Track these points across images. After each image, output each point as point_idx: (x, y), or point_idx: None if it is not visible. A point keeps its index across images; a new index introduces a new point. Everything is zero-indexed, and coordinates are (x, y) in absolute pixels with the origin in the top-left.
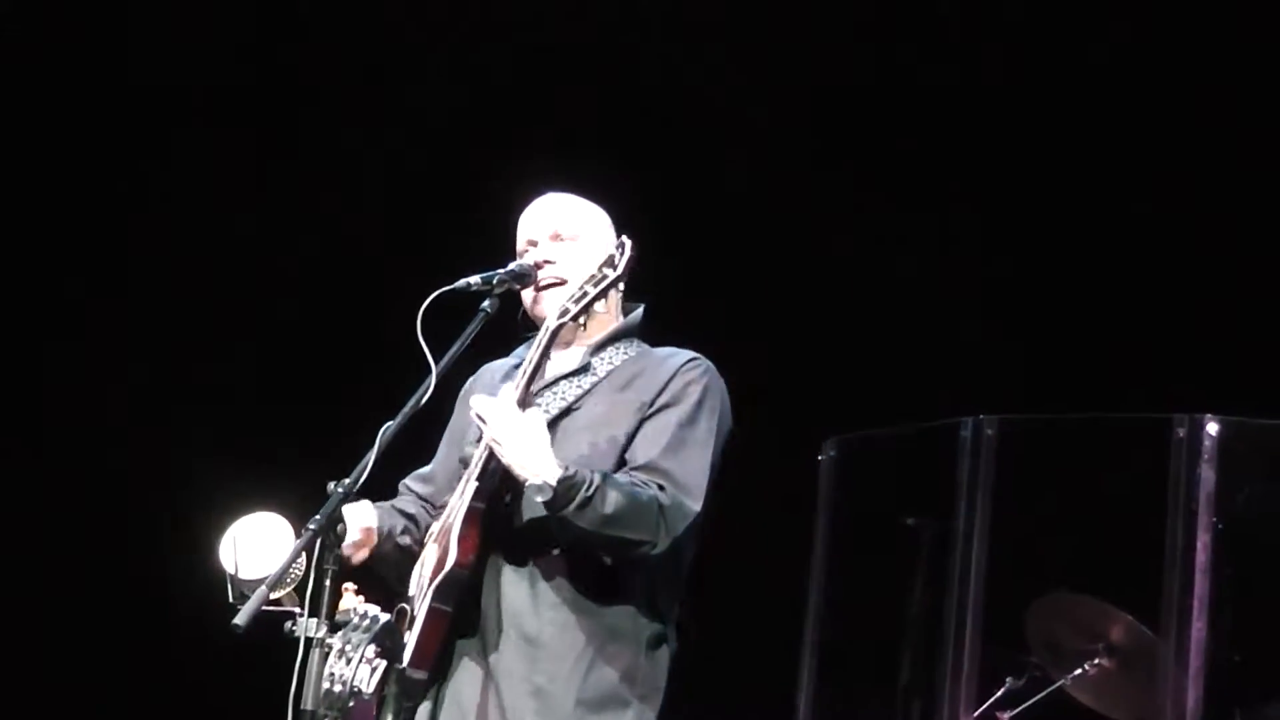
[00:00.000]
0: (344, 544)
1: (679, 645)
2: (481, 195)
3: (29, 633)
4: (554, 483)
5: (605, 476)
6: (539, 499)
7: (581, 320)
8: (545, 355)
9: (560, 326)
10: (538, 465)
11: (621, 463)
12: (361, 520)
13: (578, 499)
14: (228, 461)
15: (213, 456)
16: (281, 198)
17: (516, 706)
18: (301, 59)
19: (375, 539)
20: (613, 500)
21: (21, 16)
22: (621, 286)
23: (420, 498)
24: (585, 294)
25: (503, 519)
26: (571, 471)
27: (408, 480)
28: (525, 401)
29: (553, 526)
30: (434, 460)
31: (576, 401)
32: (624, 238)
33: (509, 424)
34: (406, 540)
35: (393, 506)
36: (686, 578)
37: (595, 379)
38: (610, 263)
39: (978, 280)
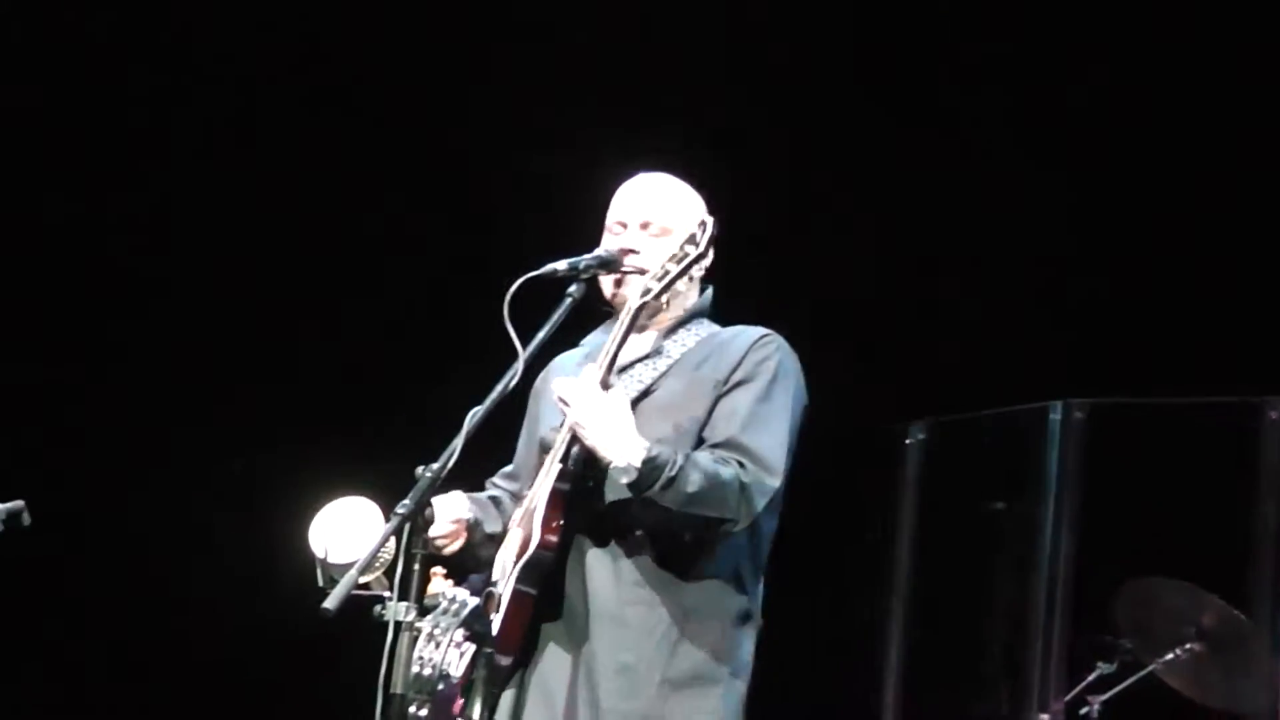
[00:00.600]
0: (436, 536)
1: (765, 622)
2: (569, 177)
3: (124, 617)
4: (638, 464)
5: (688, 456)
6: (624, 480)
7: (664, 300)
8: (627, 336)
9: (642, 307)
10: (622, 446)
11: (700, 441)
12: (453, 512)
13: (661, 479)
14: (317, 446)
15: (302, 442)
16: (367, 177)
17: (603, 686)
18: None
19: (466, 530)
20: (695, 480)
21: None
22: (705, 264)
23: (509, 492)
24: (667, 272)
25: (586, 501)
26: (655, 452)
27: (495, 479)
28: (606, 383)
29: (636, 507)
30: (515, 457)
31: (653, 384)
32: (706, 216)
33: (592, 405)
34: (496, 529)
35: (486, 497)
36: (769, 554)
37: (670, 361)
38: (692, 240)
39: (1068, 262)
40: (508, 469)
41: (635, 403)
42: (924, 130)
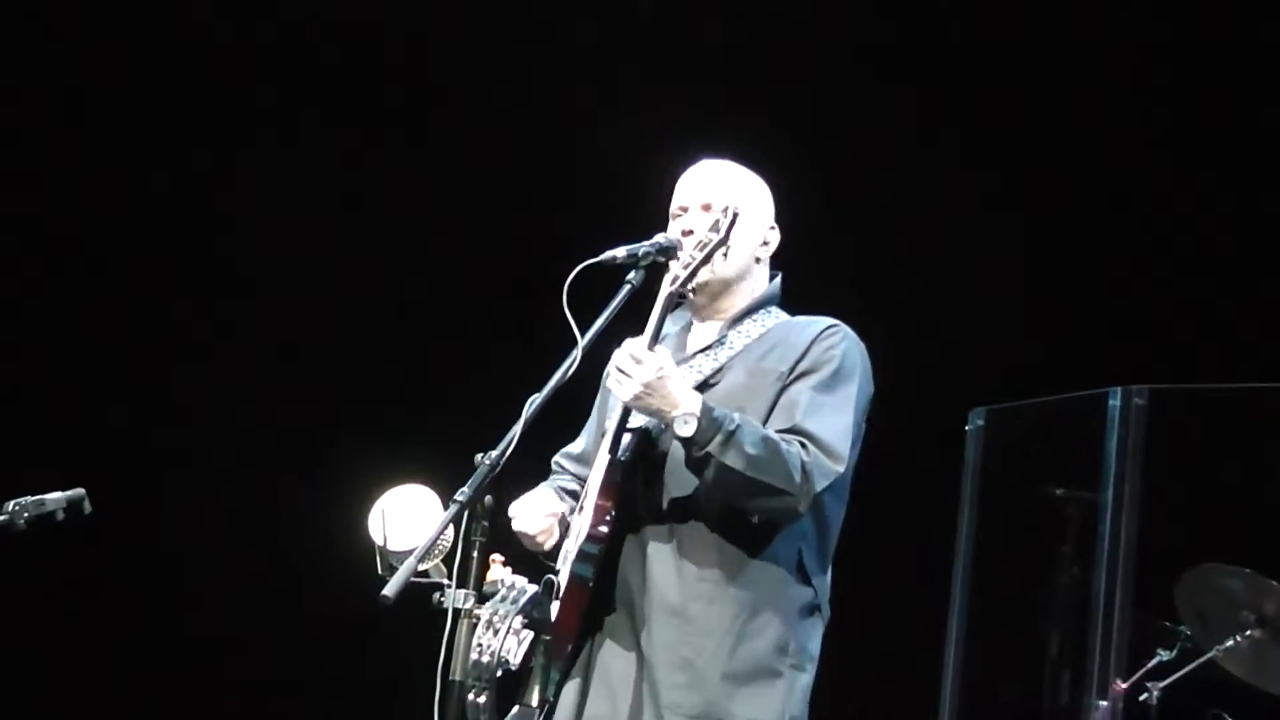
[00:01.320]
0: (536, 533)
1: (832, 613)
2: (633, 164)
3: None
4: (697, 412)
5: (747, 419)
6: (684, 433)
7: (691, 286)
8: (662, 322)
9: (673, 294)
10: (678, 396)
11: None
12: (546, 506)
13: (721, 432)
14: (377, 434)
15: (362, 429)
16: (427, 168)
17: (664, 680)
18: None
19: (560, 525)
20: (756, 440)
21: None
22: (725, 251)
23: (574, 475)
24: (692, 259)
25: (644, 490)
26: (713, 404)
27: (559, 458)
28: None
29: (697, 494)
30: (584, 436)
31: (712, 376)
32: (731, 204)
33: (647, 364)
34: (573, 519)
35: (561, 489)
36: (835, 547)
37: (732, 352)
38: (715, 227)
39: (1127, 247)
40: (572, 449)
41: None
42: (976, 116)
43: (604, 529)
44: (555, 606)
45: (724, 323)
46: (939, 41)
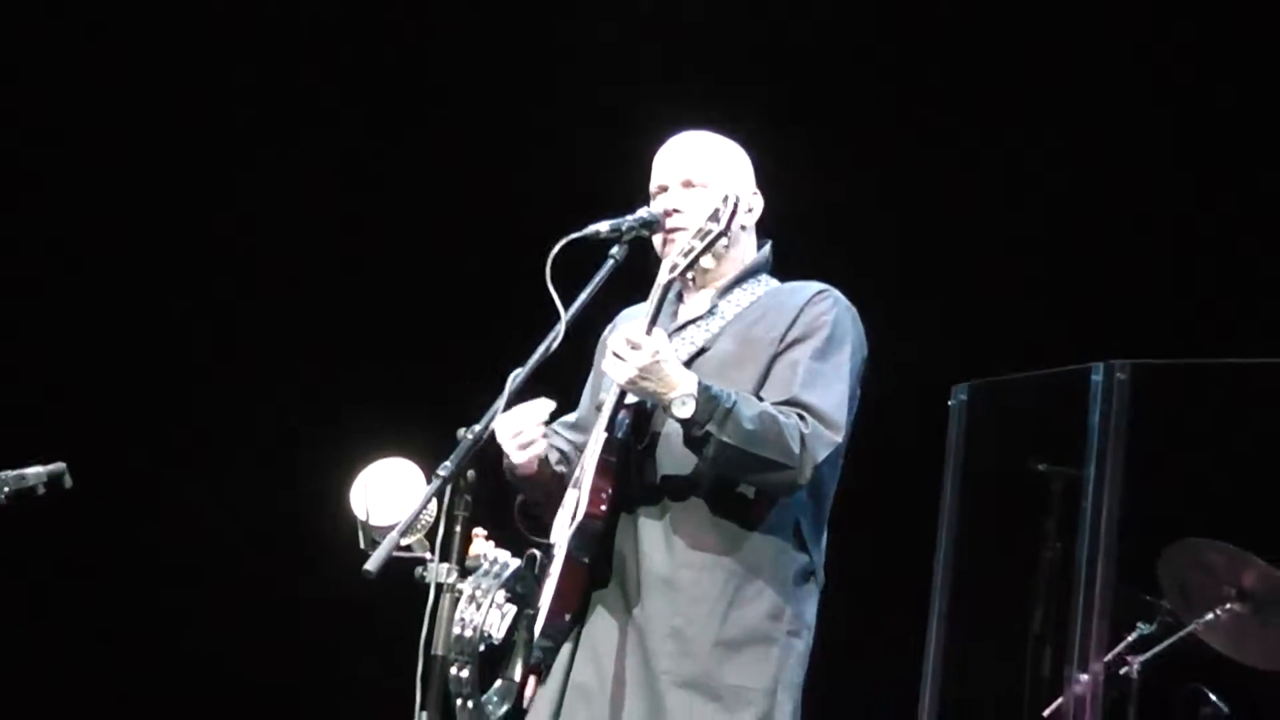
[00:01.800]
0: (525, 441)
1: (826, 580)
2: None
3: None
4: (695, 392)
5: (743, 394)
6: (682, 414)
7: (690, 275)
8: (659, 308)
9: (672, 281)
10: (675, 378)
11: (759, 400)
12: (539, 416)
13: (719, 410)
14: (358, 408)
15: (343, 403)
16: (417, 145)
17: (655, 649)
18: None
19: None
20: (754, 415)
21: None
22: (726, 241)
23: (571, 443)
24: (692, 249)
25: (639, 466)
26: (710, 383)
27: (555, 426)
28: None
29: (691, 468)
30: (580, 406)
31: (705, 345)
32: (730, 192)
33: (644, 346)
34: (562, 470)
35: (551, 444)
36: (828, 513)
37: (723, 321)
38: (715, 217)
39: (1109, 221)
40: (570, 419)
41: (688, 365)
42: (962, 92)
43: (601, 509)
44: (552, 586)
45: (715, 291)
46: (920, 16)
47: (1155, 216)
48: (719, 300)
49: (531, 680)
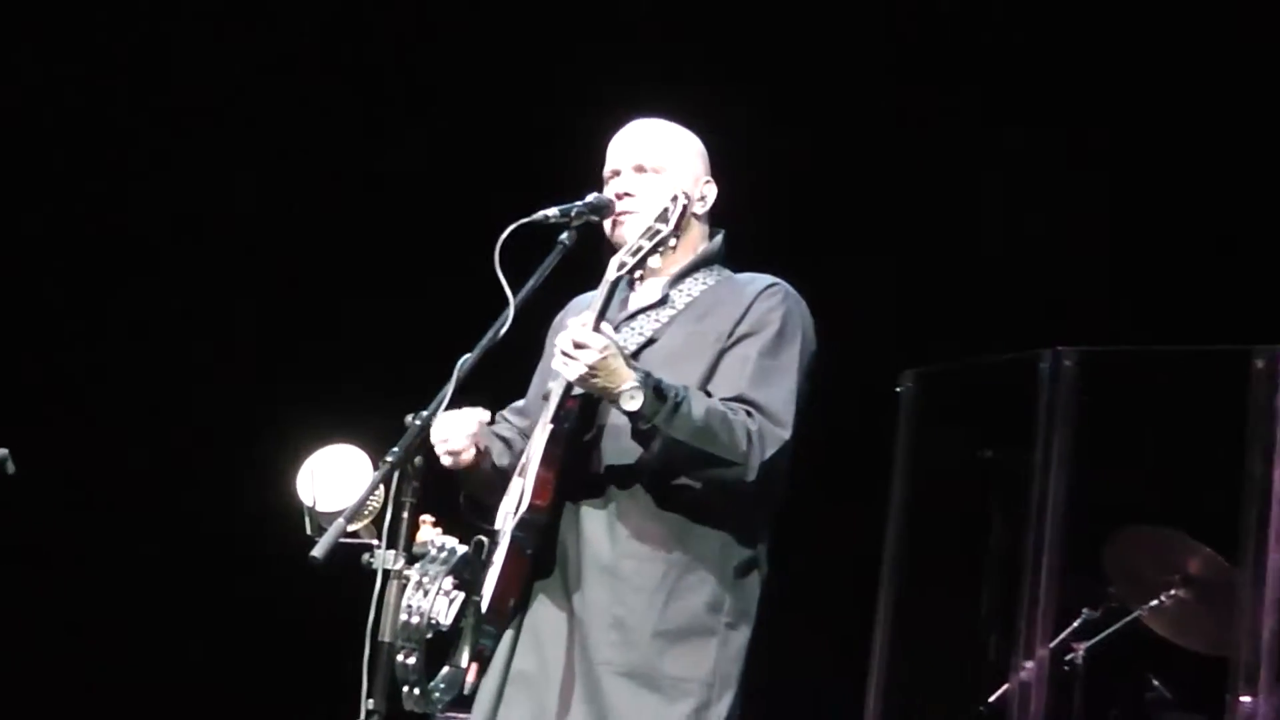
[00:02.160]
0: (457, 450)
1: (770, 570)
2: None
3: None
4: (643, 385)
5: (693, 390)
6: (631, 406)
7: (639, 274)
8: (606, 305)
9: (619, 279)
10: (624, 372)
11: (707, 395)
12: (470, 425)
13: (668, 404)
14: (305, 395)
15: (290, 390)
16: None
17: (596, 639)
18: None
19: (478, 452)
20: (702, 411)
21: None
22: (674, 242)
23: (516, 429)
24: (640, 248)
25: (584, 457)
26: (659, 377)
27: (504, 412)
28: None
29: (636, 460)
30: (529, 392)
31: (655, 335)
32: (679, 191)
33: (590, 343)
34: (505, 462)
35: (492, 431)
36: (776, 505)
37: (674, 311)
38: (663, 217)
39: (1057, 211)
40: (519, 404)
41: (635, 355)
42: (905, 78)
43: (543, 501)
44: (495, 575)
45: (666, 280)
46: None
47: (1102, 205)
48: (670, 289)
49: (474, 668)
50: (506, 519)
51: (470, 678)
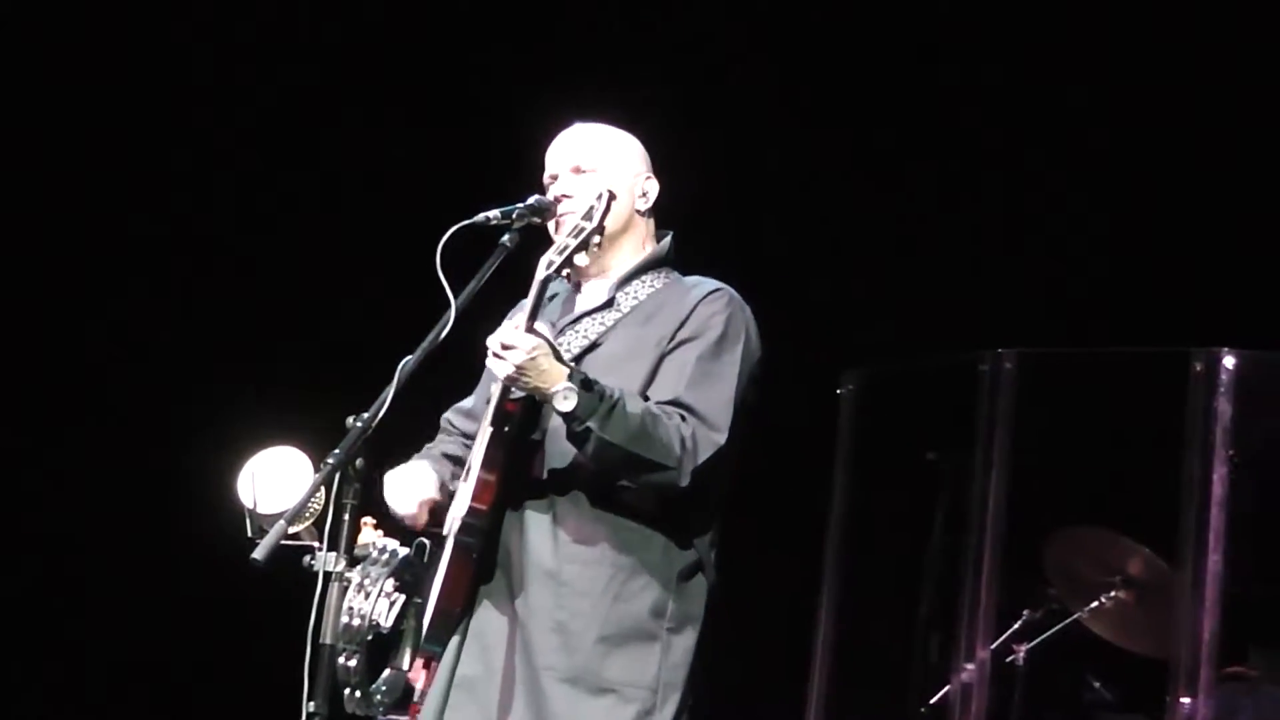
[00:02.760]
0: (405, 517)
1: (718, 574)
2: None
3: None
4: (577, 387)
5: (629, 393)
6: (565, 407)
7: (565, 273)
8: (538, 304)
9: (549, 278)
10: (556, 372)
11: (644, 399)
12: (420, 490)
13: (602, 407)
14: (245, 396)
15: (230, 391)
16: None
17: (539, 643)
18: None
19: (432, 507)
20: (637, 413)
21: None
22: (599, 239)
23: (463, 434)
24: (567, 245)
25: (526, 460)
26: (593, 377)
27: (449, 414)
28: (531, 329)
29: (576, 463)
30: (475, 393)
31: (599, 339)
32: (606, 189)
33: (520, 345)
34: (457, 485)
35: (442, 455)
36: (719, 509)
37: (619, 315)
38: (588, 215)
39: (997, 213)
40: (464, 405)
41: (579, 358)
42: (850, 81)
43: (484, 506)
44: (440, 579)
45: (613, 283)
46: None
47: (1041, 207)
48: (616, 292)
49: (422, 673)
50: (452, 523)
51: (420, 683)
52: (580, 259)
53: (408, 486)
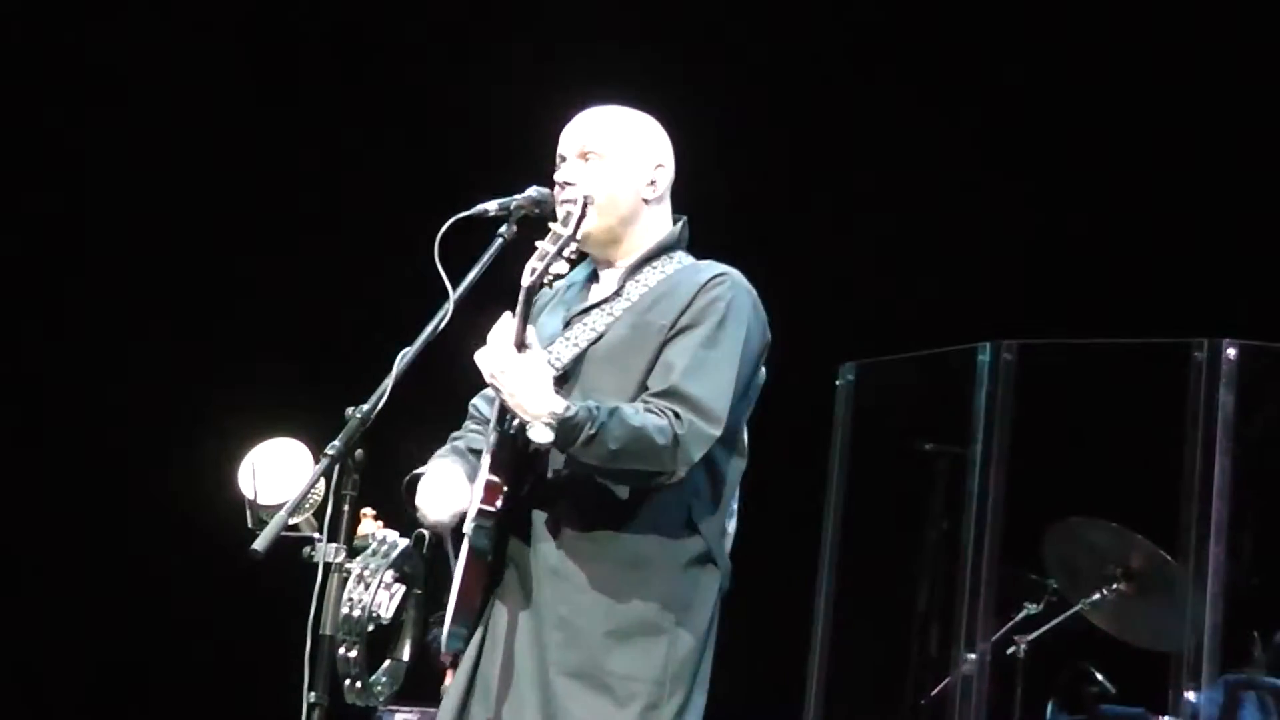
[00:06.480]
0: (437, 524)
1: (731, 563)
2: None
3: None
4: (555, 423)
5: (611, 412)
6: (541, 440)
7: (548, 280)
8: (526, 315)
9: (532, 287)
10: (537, 406)
11: (644, 388)
12: (458, 504)
13: (581, 437)
14: (247, 388)
15: (231, 383)
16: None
17: (546, 640)
18: None
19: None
20: (618, 435)
21: None
22: (574, 246)
23: (488, 420)
24: (546, 253)
25: (530, 460)
26: (572, 412)
27: (476, 400)
28: (522, 343)
29: (575, 463)
30: None
31: (605, 330)
32: (587, 196)
33: (506, 369)
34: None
35: (468, 449)
36: (731, 495)
37: (626, 304)
38: (565, 221)
39: (997, 203)
40: (489, 391)
41: (585, 351)
42: (851, 73)
43: (496, 505)
44: (458, 580)
45: (623, 272)
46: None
47: (1042, 198)
48: (627, 281)
49: (449, 674)
50: (466, 525)
51: (447, 680)
52: (557, 267)
53: (443, 495)
